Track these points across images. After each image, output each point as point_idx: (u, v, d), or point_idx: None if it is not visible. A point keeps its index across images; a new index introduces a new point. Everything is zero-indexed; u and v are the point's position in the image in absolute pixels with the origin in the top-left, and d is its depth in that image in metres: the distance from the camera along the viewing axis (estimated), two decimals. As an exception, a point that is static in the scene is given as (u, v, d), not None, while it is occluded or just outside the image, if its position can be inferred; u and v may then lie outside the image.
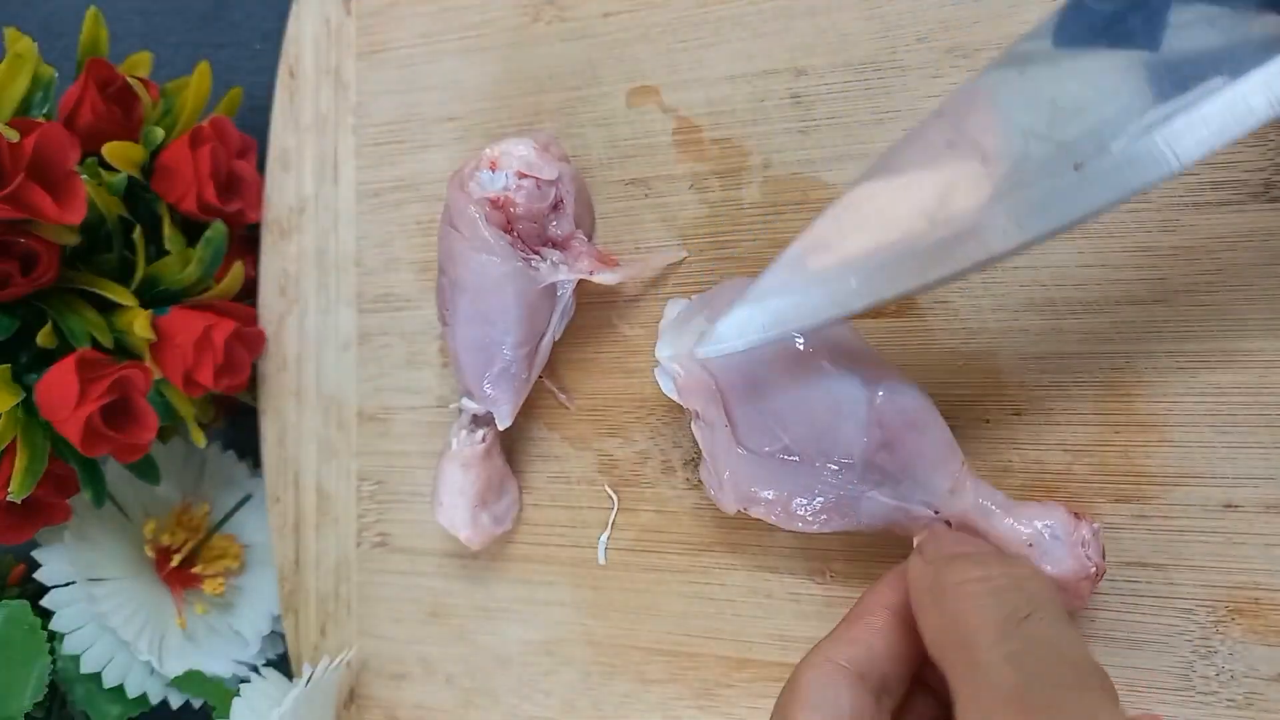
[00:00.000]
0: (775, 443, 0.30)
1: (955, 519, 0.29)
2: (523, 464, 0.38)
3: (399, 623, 0.40)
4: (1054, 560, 0.28)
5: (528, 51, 0.38)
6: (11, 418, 0.36)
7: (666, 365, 0.31)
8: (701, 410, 0.30)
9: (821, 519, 0.29)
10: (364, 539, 0.41)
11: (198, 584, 0.44)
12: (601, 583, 0.37)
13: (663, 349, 0.31)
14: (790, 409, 0.29)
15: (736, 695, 0.35)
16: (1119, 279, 0.30)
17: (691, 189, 0.35)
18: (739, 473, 0.30)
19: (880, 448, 0.29)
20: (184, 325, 0.38)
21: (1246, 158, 0.29)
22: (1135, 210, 0.30)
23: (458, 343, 0.35)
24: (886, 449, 0.29)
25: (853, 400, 0.29)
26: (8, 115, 0.36)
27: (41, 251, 0.35)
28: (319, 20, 0.42)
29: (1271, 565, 0.29)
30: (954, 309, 0.32)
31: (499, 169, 0.34)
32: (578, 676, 0.37)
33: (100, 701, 0.42)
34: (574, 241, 0.35)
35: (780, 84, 0.34)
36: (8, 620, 0.40)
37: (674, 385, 0.31)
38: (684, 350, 0.30)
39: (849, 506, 0.29)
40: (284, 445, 0.43)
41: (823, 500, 0.29)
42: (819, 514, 0.29)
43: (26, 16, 0.56)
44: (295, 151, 0.42)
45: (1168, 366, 0.30)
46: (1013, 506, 0.29)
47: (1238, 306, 0.29)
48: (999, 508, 0.29)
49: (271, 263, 0.43)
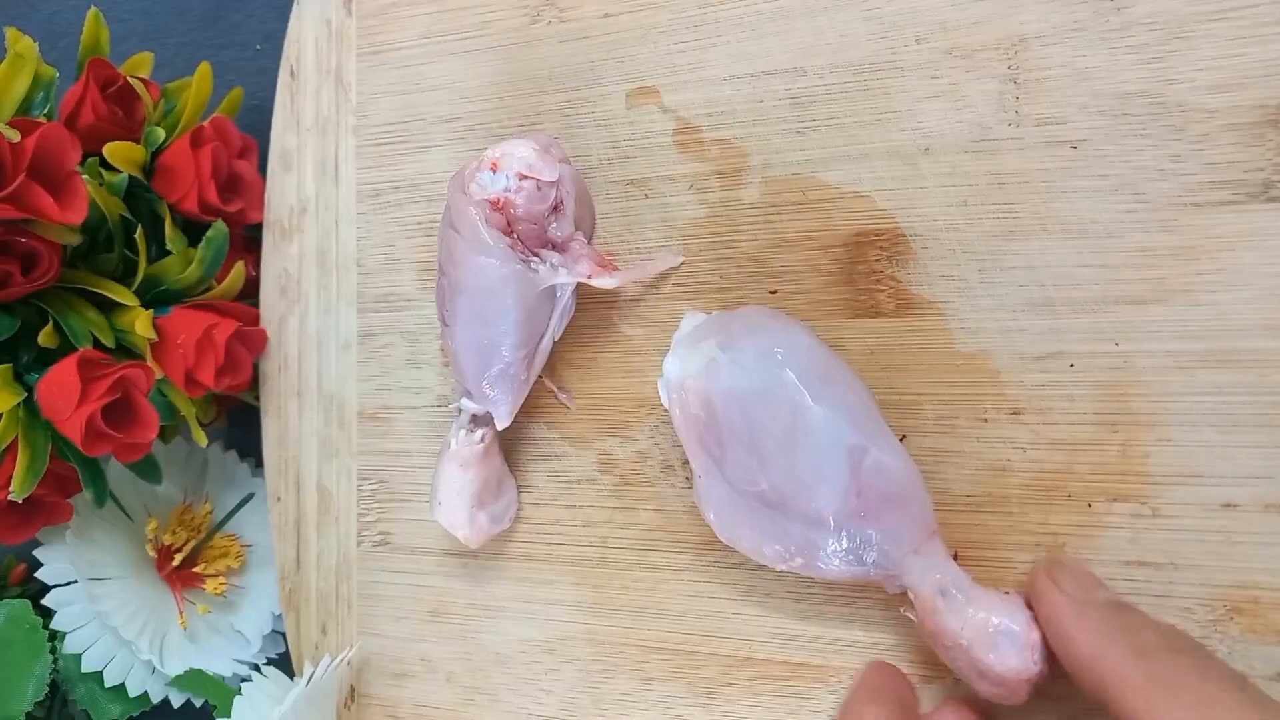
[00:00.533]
0: (754, 485, 0.30)
1: (915, 593, 0.29)
2: (523, 463, 0.38)
3: (400, 621, 0.40)
4: (1000, 655, 0.28)
5: (528, 52, 0.38)
6: (13, 417, 0.36)
7: (671, 381, 0.31)
8: (697, 435, 0.31)
9: (794, 564, 0.30)
10: (365, 538, 0.41)
11: (199, 583, 0.44)
12: (602, 581, 0.37)
13: (672, 366, 0.31)
14: (776, 456, 0.29)
15: (737, 694, 0.35)
16: (1119, 279, 0.30)
17: (691, 190, 0.35)
18: (723, 504, 0.31)
19: (854, 515, 0.29)
20: (185, 325, 0.38)
21: (1246, 157, 0.29)
22: (1135, 210, 0.30)
23: (457, 343, 0.35)
24: (860, 518, 0.29)
25: (836, 463, 0.29)
26: (9, 115, 0.36)
27: (43, 251, 0.35)
28: (320, 21, 0.42)
29: (1270, 564, 0.29)
30: (954, 309, 0.32)
31: (500, 170, 0.34)
32: (578, 675, 0.37)
33: (101, 700, 0.42)
34: (574, 244, 0.35)
35: (780, 85, 0.34)
36: (9, 619, 0.40)
37: (674, 407, 0.31)
38: (690, 373, 0.31)
39: (814, 563, 0.30)
40: (285, 445, 0.43)
41: (792, 551, 0.30)
42: (789, 561, 0.30)
43: (28, 17, 0.56)
44: (296, 152, 0.42)
45: (1167, 366, 0.30)
46: (975, 595, 0.29)
47: (1237, 306, 0.29)
48: (961, 593, 0.29)
49: (273, 263, 0.43)
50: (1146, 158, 0.30)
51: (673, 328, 0.35)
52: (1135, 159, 0.30)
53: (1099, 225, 0.30)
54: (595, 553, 0.37)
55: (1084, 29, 0.30)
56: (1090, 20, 0.30)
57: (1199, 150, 0.29)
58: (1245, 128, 0.29)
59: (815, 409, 0.29)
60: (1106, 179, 0.30)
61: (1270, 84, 0.28)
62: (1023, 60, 0.31)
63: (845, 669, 0.33)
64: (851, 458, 0.29)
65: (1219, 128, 0.29)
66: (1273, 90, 0.28)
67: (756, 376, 0.30)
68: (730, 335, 0.30)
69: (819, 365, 0.30)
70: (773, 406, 0.29)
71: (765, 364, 0.30)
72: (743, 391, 0.29)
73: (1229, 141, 0.29)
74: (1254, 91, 0.29)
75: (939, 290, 0.32)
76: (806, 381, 0.29)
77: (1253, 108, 0.29)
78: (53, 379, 0.35)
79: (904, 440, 0.32)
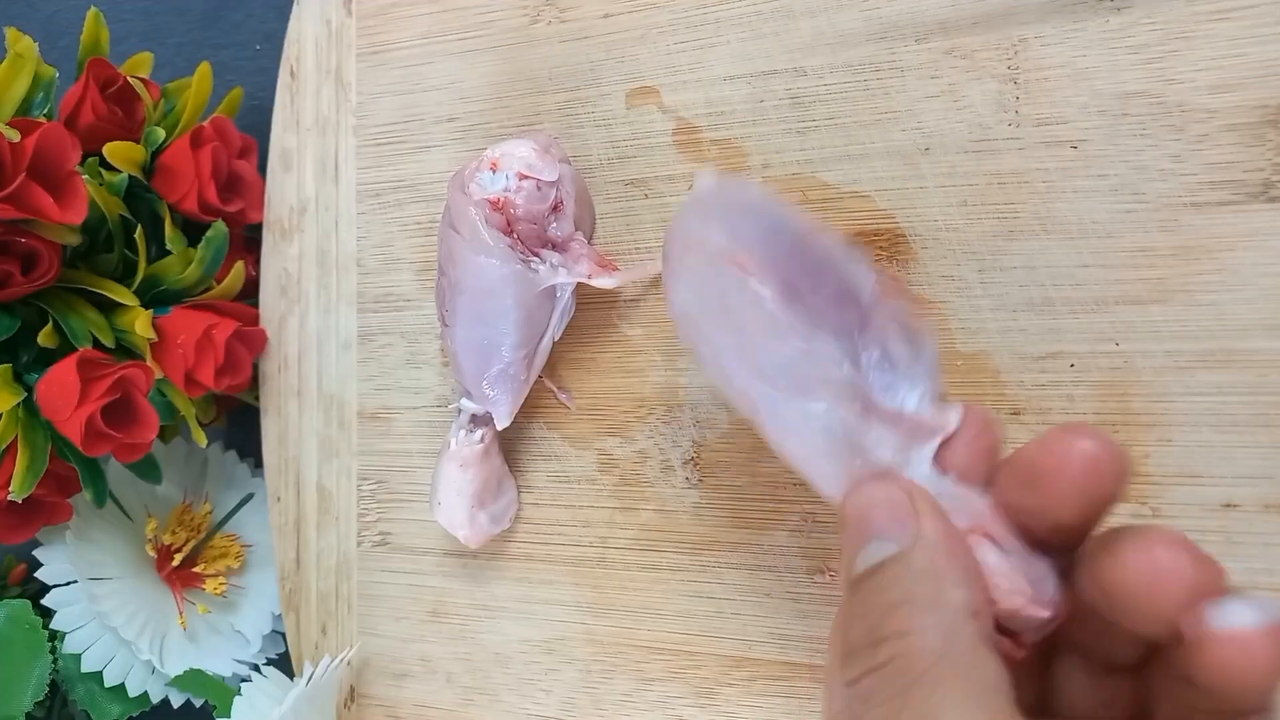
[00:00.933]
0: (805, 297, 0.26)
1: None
2: (523, 463, 0.38)
3: (399, 622, 0.40)
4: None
5: (528, 52, 0.38)
6: (13, 417, 0.36)
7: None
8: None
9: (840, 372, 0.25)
10: (365, 538, 0.41)
11: (199, 583, 0.44)
12: (601, 582, 0.37)
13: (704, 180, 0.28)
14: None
15: (736, 694, 0.35)
16: (1119, 279, 0.30)
17: (691, 189, 0.35)
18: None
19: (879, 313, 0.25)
20: (185, 325, 0.38)
21: (1246, 157, 0.29)
22: (1135, 210, 0.30)
23: (457, 343, 0.35)
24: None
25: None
26: (9, 115, 0.36)
27: (43, 251, 0.35)
28: (320, 21, 0.42)
29: (1271, 565, 0.29)
30: (953, 309, 0.32)
31: (499, 170, 0.34)
32: (578, 675, 0.37)
33: (101, 701, 0.42)
34: (573, 244, 0.35)
35: (780, 85, 0.34)
36: (9, 619, 0.40)
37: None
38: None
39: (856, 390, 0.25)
40: (285, 445, 0.43)
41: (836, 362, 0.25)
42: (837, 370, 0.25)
43: (28, 17, 0.56)
44: (296, 152, 0.42)
45: (1166, 366, 0.30)
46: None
47: (1237, 306, 0.29)
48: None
49: (272, 263, 0.43)
50: (1146, 158, 0.30)
51: (673, 327, 0.35)
52: (1135, 159, 0.30)
53: (1099, 225, 0.30)
54: (595, 553, 0.37)
55: (1084, 29, 0.30)
56: (1090, 20, 0.30)
57: (1199, 150, 0.29)
58: (1245, 128, 0.29)
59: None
60: (1106, 179, 0.30)
61: (1270, 84, 0.28)
62: (1023, 60, 0.31)
63: (845, 669, 0.33)
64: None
65: (1219, 128, 0.29)
66: (1273, 90, 0.28)
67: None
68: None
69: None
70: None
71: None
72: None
73: (1229, 141, 0.29)
74: (1254, 91, 0.29)
75: (939, 290, 0.32)
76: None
77: (1253, 108, 0.29)
78: (53, 379, 0.35)
79: (904, 440, 0.32)
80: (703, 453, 0.35)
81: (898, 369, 0.25)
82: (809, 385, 0.25)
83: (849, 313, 0.26)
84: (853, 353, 0.25)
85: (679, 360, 0.36)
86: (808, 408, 0.25)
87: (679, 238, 0.28)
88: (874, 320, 0.26)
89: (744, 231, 0.26)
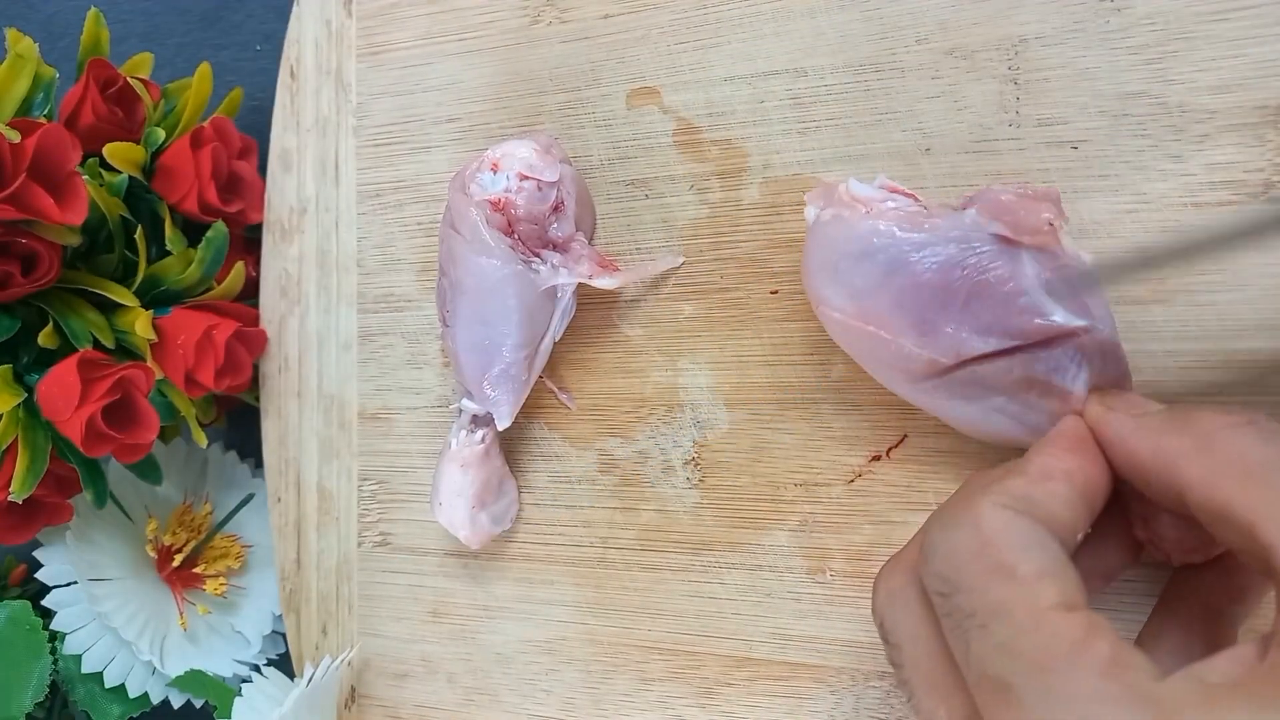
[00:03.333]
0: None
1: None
2: (523, 464, 0.38)
3: (400, 622, 0.40)
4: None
5: (528, 53, 0.38)
6: (13, 418, 0.36)
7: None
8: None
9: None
10: (365, 539, 0.41)
11: (199, 584, 0.44)
12: (602, 582, 0.37)
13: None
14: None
15: (736, 694, 0.35)
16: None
17: (692, 190, 0.35)
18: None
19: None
20: (185, 325, 0.38)
21: (1246, 157, 0.29)
22: (1135, 210, 0.30)
23: (458, 344, 0.35)
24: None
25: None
26: (9, 116, 0.36)
27: (43, 252, 0.35)
28: (320, 21, 0.42)
29: (1271, 565, 0.29)
30: (954, 309, 0.32)
31: (500, 171, 0.34)
32: (578, 675, 0.37)
33: (101, 701, 0.42)
34: (574, 244, 0.35)
35: (780, 85, 0.34)
36: (9, 620, 0.40)
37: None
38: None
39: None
40: (285, 445, 0.43)
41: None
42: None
43: (28, 17, 0.56)
44: (296, 152, 0.42)
45: (1167, 366, 0.30)
46: None
47: (1237, 306, 0.29)
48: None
49: (273, 263, 0.43)
50: (1146, 158, 0.30)
51: (673, 328, 0.35)
52: (1135, 159, 0.30)
53: (1099, 225, 0.30)
54: (595, 553, 0.37)
55: (1084, 29, 0.30)
56: (1090, 20, 0.30)
57: (1199, 150, 0.29)
58: (1245, 128, 0.29)
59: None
60: (1106, 179, 0.30)
61: (1270, 84, 0.28)
62: (1023, 60, 0.31)
63: (845, 669, 0.33)
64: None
65: (1219, 128, 0.29)
66: (1273, 90, 0.28)
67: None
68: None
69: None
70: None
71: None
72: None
73: (1229, 142, 0.29)
74: (1254, 92, 0.29)
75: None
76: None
77: (1253, 108, 0.29)
78: (53, 380, 0.35)
79: (904, 440, 0.32)
80: (703, 453, 0.35)
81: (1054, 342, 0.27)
82: (971, 393, 0.28)
83: (988, 310, 0.27)
84: (1004, 341, 0.27)
85: (679, 360, 0.36)
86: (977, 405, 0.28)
87: (809, 289, 0.30)
88: (1017, 300, 0.27)
89: (859, 284, 0.28)
